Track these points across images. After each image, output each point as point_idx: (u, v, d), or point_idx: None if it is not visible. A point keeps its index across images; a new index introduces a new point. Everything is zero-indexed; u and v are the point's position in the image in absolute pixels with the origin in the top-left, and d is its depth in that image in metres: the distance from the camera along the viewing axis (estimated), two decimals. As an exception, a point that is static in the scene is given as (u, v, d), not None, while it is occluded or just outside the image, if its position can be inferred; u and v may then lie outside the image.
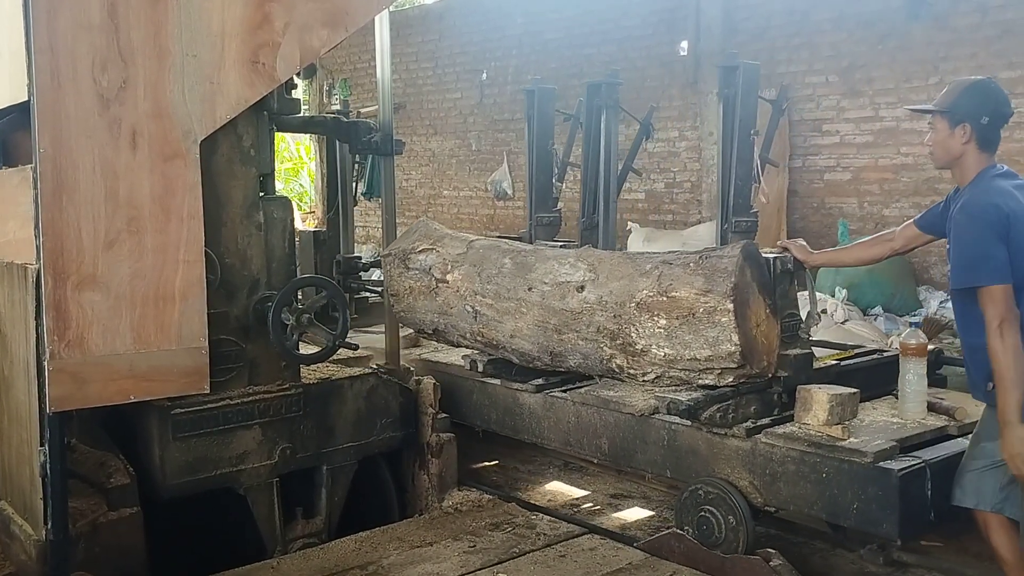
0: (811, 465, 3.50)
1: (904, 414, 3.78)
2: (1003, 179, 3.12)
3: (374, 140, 4.37)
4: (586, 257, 4.08)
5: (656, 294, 3.66)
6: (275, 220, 3.77)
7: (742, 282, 3.52)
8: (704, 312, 3.52)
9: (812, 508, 3.54)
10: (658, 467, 4.06)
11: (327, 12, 3.56)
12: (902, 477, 3.30)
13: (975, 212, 3.03)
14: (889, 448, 3.43)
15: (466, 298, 4.31)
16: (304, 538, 3.81)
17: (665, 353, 3.64)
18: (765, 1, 8.58)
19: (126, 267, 3.17)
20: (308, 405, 3.81)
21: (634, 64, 9.63)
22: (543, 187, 5.74)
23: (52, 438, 3.08)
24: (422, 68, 12.38)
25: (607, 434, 4.17)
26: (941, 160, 3.26)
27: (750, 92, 4.69)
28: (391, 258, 4.67)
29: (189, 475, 3.50)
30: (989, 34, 7.08)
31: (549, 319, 4.01)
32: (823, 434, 3.53)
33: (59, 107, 3.03)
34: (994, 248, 2.96)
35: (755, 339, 3.56)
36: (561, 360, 4.06)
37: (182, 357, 3.31)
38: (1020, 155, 6.96)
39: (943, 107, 3.16)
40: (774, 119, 5.30)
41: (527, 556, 3.56)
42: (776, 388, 3.75)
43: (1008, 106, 3.20)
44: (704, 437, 3.80)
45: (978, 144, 3.13)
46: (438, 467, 4.20)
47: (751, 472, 3.66)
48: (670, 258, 3.79)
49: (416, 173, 12.67)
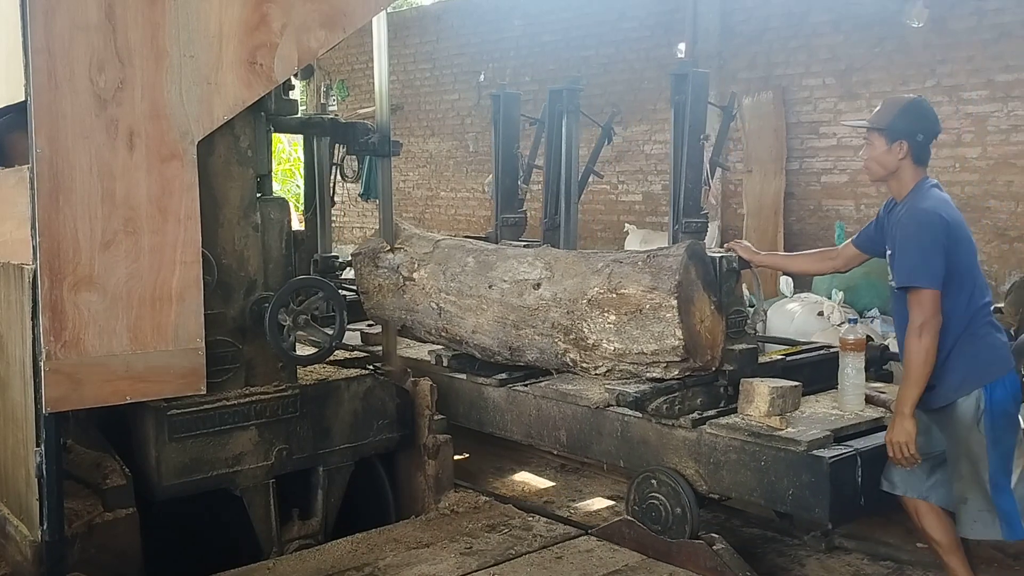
0: (751, 454, 3.65)
1: (843, 406, 3.93)
2: (937, 190, 3.36)
3: (371, 141, 4.37)
4: (543, 256, 4.31)
5: (606, 291, 3.88)
6: (272, 221, 3.77)
7: (686, 280, 3.72)
8: (650, 308, 3.74)
9: (752, 495, 3.70)
10: (612, 457, 4.20)
11: (325, 13, 3.55)
12: (833, 464, 3.45)
13: (922, 219, 3.23)
14: (823, 437, 3.58)
15: (431, 295, 4.53)
16: (300, 539, 3.81)
17: (615, 347, 3.84)
18: (762, 3, 8.59)
19: (123, 268, 3.17)
20: (305, 406, 3.81)
21: (632, 66, 9.64)
22: (508, 189, 5.91)
23: (48, 439, 3.08)
24: (420, 69, 12.38)
25: (565, 426, 4.33)
26: (877, 174, 3.45)
27: (699, 99, 4.84)
28: (361, 257, 4.90)
29: (185, 476, 3.50)
30: (986, 37, 7.09)
31: (508, 315, 4.22)
32: (763, 425, 3.68)
33: (56, 107, 3.02)
34: (934, 255, 3.18)
35: (699, 334, 3.75)
36: (520, 355, 4.26)
37: (178, 358, 3.31)
38: (1016, 158, 6.97)
39: (881, 125, 3.36)
40: (724, 125, 5.49)
41: (524, 558, 3.56)
42: (722, 381, 3.91)
43: (938, 124, 3.47)
44: (654, 428, 3.94)
45: (913, 159, 3.35)
46: (435, 468, 4.19)
47: (696, 461, 3.80)
48: (621, 257, 4.02)
49: (413, 174, 12.67)
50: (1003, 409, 3.23)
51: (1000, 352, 3.32)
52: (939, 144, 7.18)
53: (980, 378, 3.23)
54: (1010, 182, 7.04)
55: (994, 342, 3.31)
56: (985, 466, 3.21)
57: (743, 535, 4.32)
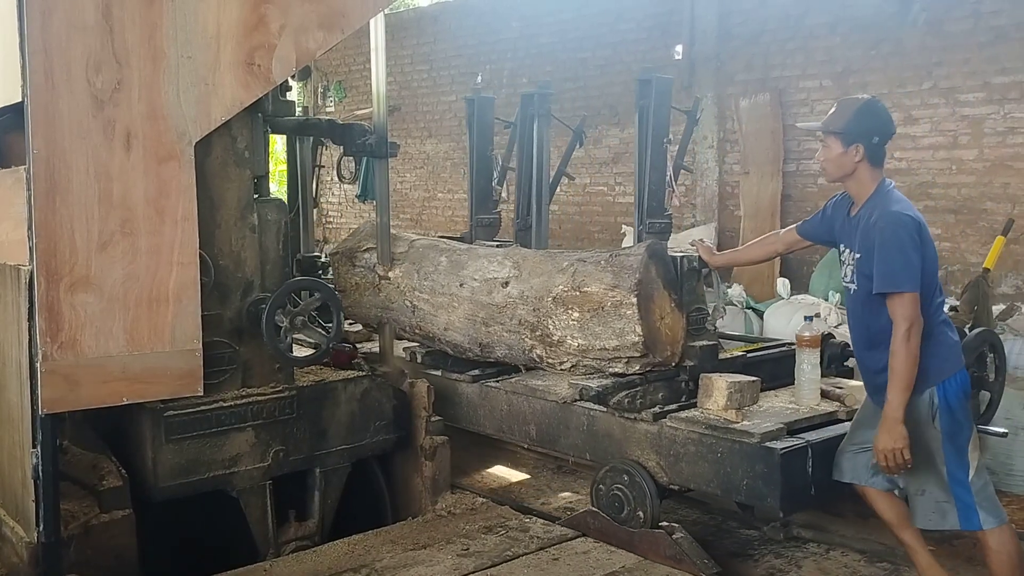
0: (708, 446, 3.75)
1: (799, 400, 4.02)
2: (897, 191, 3.40)
3: (368, 143, 4.37)
4: (512, 255, 4.46)
5: (570, 289, 4.04)
6: (269, 222, 3.77)
7: (647, 278, 3.86)
8: (612, 305, 3.88)
9: (709, 485, 3.79)
10: (579, 450, 4.29)
11: (323, 14, 3.55)
12: (784, 455, 3.55)
13: (897, 222, 3.24)
14: (776, 430, 3.67)
15: (406, 293, 4.69)
16: (297, 541, 3.80)
17: (579, 343, 3.98)
18: (759, 6, 8.60)
19: (119, 269, 3.17)
20: (301, 407, 3.81)
21: (629, 68, 9.64)
22: (483, 190, 6.01)
23: (44, 440, 3.07)
24: (417, 71, 12.37)
25: (535, 420, 4.41)
26: (834, 175, 3.47)
27: (663, 104, 4.99)
28: (339, 256, 5.07)
29: (182, 477, 3.50)
30: (982, 39, 7.10)
31: (478, 312, 4.37)
32: (720, 418, 3.78)
33: (53, 108, 3.02)
34: (914, 256, 3.21)
35: (659, 330, 3.89)
36: (489, 351, 4.39)
37: (175, 359, 3.30)
38: (1013, 160, 6.99)
39: (837, 128, 3.37)
40: (688, 129, 5.62)
41: (520, 559, 3.57)
42: (683, 376, 4.01)
43: (892, 125, 3.46)
44: (618, 422, 4.02)
45: (870, 161, 3.36)
46: (432, 470, 4.19)
47: (658, 453, 3.89)
48: (585, 256, 4.16)
49: (411, 176, 12.67)
50: (956, 405, 3.30)
51: (953, 350, 3.38)
52: (936, 146, 7.30)
53: (935, 376, 3.29)
54: (1007, 184, 7.05)
55: (947, 341, 3.36)
56: (942, 460, 3.29)
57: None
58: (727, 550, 4.19)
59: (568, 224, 10.41)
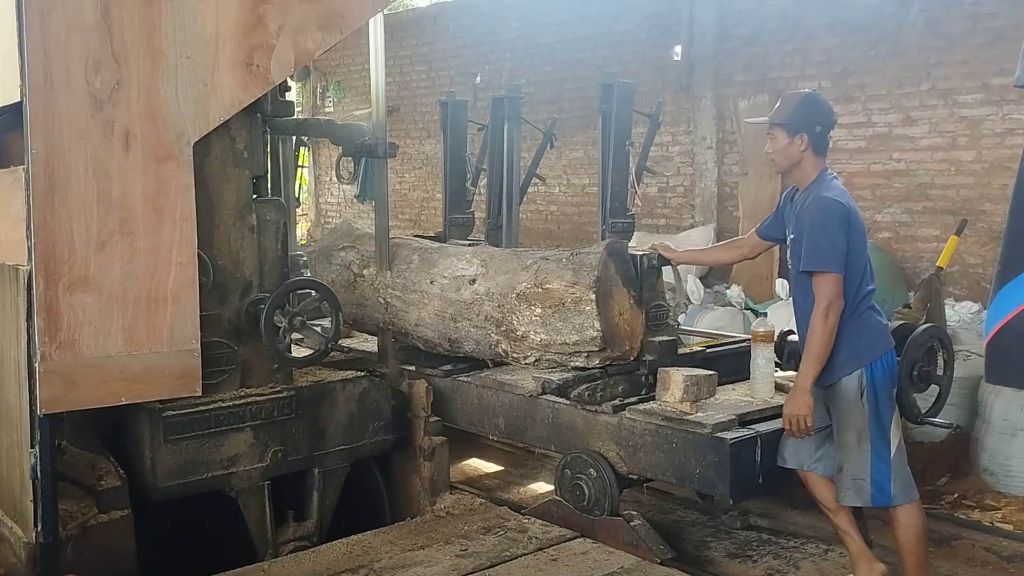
0: (664, 437, 3.89)
1: (754, 393, 4.16)
2: (837, 181, 3.61)
3: (367, 143, 4.37)
4: (480, 254, 4.64)
5: (533, 286, 4.20)
6: (268, 222, 3.77)
7: (605, 275, 4.02)
8: (572, 302, 4.05)
9: (665, 474, 3.94)
10: (544, 442, 4.44)
11: (321, 15, 3.56)
12: (733, 445, 3.69)
13: (826, 206, 3.45)
14: (727, 421, 3.82)
15: (379, 291, 4.85)
16: (295, 541, 3.80)
17: (541, 338, 4.15)
18: (758, 7, 8.60)
19: (118, 269, 3.17)
20: (300, 408, 3.81)
21: (628, 68, 9.63)
22: (456, 191, 6.19)
23: (43, 440, 3.07)
24: (416, 71, 12.37)
25: (503, 413, 4.54)
26: (782, 166, 3.68)
27: (624, 107, 5.19)
28: (315, 254, 5.22)
29: (180, 478, 3.49)
30: (981, 40, 7.09)
31: (447, 309, 4.54)
32: (676, 410, 3.92)
33: (52, 108, 3.02)
34: (840, 239, 3.41)
35: (617, 326, 4.05)
36: (458, 346, 4.57)
37: (174, 359, 3.30)
38: (1011, 161, 6.98)
39: (782, 120, 3.59)
40: (651, 132, 5.76)
41: (519, 560, 3.57)
42: (643, 370, 4.17)
43: (833, 115, 3.69)
44: (580, 414, 4.16)
45: (814, 150, 3.58)
46: (430, 470, 4.19)
47: (617, 444, 4.03)
48: (548, 254, 4.35)
49: (410, 176, 12.66)
50: (882, 385, 3.50)
51: (881, 333, 3.56)
52: (934, 147, 7.30)
53: (863, 358, 3.48)
54: (1005, 185, 7.03)
55: (875, 324, 3.54)
56: (867, 436, 3.47)
57: (739, 537, 4.34)
58: (726, 550, 4.21)
59: (567, 225, 10.39)
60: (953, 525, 4.50)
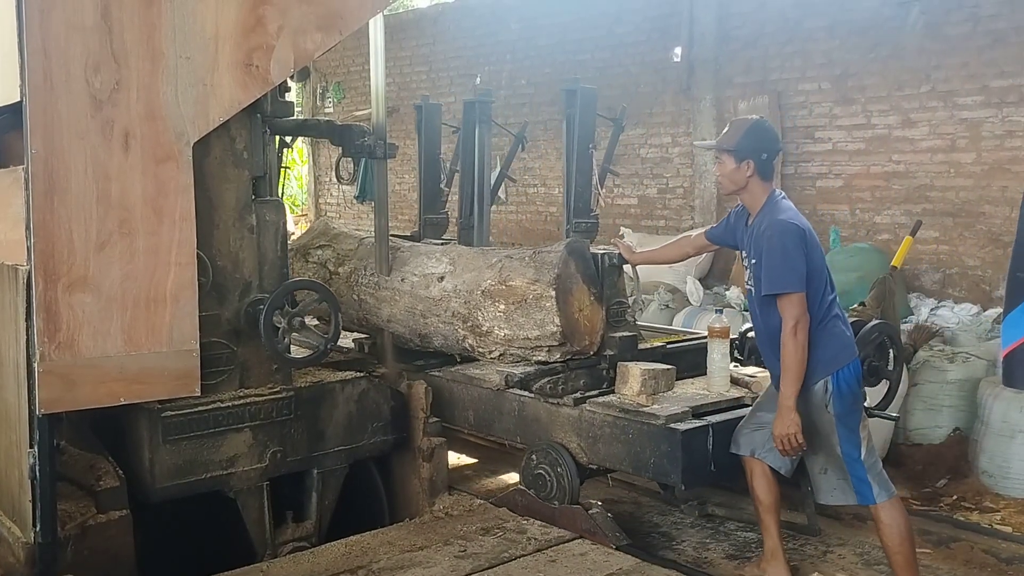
0: (621, 428, 4.03)
1: (711, 387, 4.32)
2: (787, 201, 3.72)
3: (367, 144, 4.37)
4: (449, 252, 4.80)
5: (497, 283, 4.33)
6: (267, 223, 3.77)
7: (565, 273, 4.16)
8: (533, 298, 4.17)
9: (623, 464, 4.08)
10: (511, 434, 4.56)
11: (321, 15, 3.56)
12: (685, 435, 3.83)
13: (783, 229, 3.55)
14: (681, 413, 3.97)
15: (353, 288, 4.99)
16: (294, 542, 3.81)
17: (505, 334, 4.27)
18: (758, 8, 8.60)
19: (117, 269, 3.17)
20: (299, 408, 3.81)
21: (628, 70, 9.64)
22: (431, 191, 6.36)
23: (41, 440, 3.07)
24: (416, 72, 12.37)
25: (473, 407, 4.69)
26: (728, 189, 3.79)
27: (588, 111, 5.30)
28: (293, 252, 5.25)
29: (179, 478, 3.50)
30: (981, 43, 7.10)
31: (416, 305, 4.67)
32: (634, 403, 4.07)
33: (51, 108, 3.02)
34: (798, 261, 3.52)
35: (577, 321, 4.19)
36: (428, 341, 4.71)
37: (173, 360, 3.31)
38: (1011, 164, 6.99)
39: (729, 146, 3.69)
40: (615, 135, 5.89)
41: (517, 561, 3.57)
42: (604, 365, 4.31)
43: (779, 143, 3.85)
44: (544, 407, 4.32)
45: (760, 176, 3.68)
46: (429, 471, 4.20)
47: (578, 435, 4.19)
48: (512, 252, 4.49)
49: (409, 176, 12.64)
50: (848, 391, 3.60)
51: (846, 342, 3.66)
52: (934, 149, 7.31)
53: (829, 366, 3.58)
54: (1004, 187, 7.05)
55: (840, 333, 3.65)
56: (836, 441, 3.59)
57: (738, 538, 4.35)
58: (724, 552, 4.21)
59: (566, 226, 10.40)
60: (952, 527, 4.51)
